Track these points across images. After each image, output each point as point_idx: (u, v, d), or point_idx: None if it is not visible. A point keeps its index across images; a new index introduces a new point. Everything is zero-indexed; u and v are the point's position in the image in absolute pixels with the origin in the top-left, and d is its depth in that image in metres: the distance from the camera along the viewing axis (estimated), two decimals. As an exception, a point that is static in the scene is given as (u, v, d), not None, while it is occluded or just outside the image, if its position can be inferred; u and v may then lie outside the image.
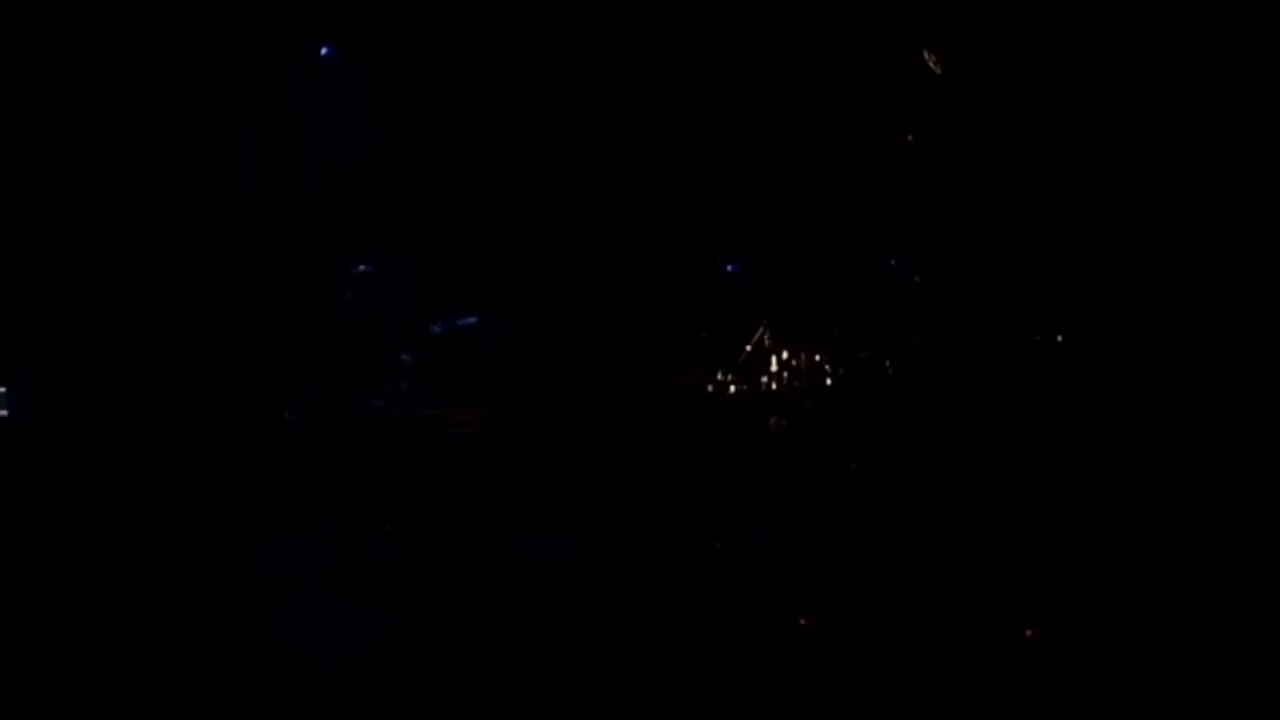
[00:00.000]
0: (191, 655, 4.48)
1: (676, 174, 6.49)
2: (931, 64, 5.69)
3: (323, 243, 6.49)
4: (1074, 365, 5.39)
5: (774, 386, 6.18)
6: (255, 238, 6.25)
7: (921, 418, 5.69)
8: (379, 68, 6.70)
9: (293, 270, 6.36)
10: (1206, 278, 5.06)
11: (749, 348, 6.28)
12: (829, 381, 6.11)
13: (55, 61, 5.73)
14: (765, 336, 6.27)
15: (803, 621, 4.74)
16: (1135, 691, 4.13)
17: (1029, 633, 4.49)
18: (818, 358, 6.16)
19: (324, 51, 6.67)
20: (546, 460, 5.94)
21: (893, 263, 6.01)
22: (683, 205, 6.48)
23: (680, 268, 6.55)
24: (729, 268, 6.57)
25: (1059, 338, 5.47)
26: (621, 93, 6.51)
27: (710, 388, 6.28)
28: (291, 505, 5.55)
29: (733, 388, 6.26)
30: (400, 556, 5.39)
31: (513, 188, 6.69)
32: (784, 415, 6.05)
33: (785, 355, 6.21)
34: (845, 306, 6.16)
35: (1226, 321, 5.00)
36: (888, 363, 5.98)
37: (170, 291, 5.89)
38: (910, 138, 5.85)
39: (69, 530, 5.14)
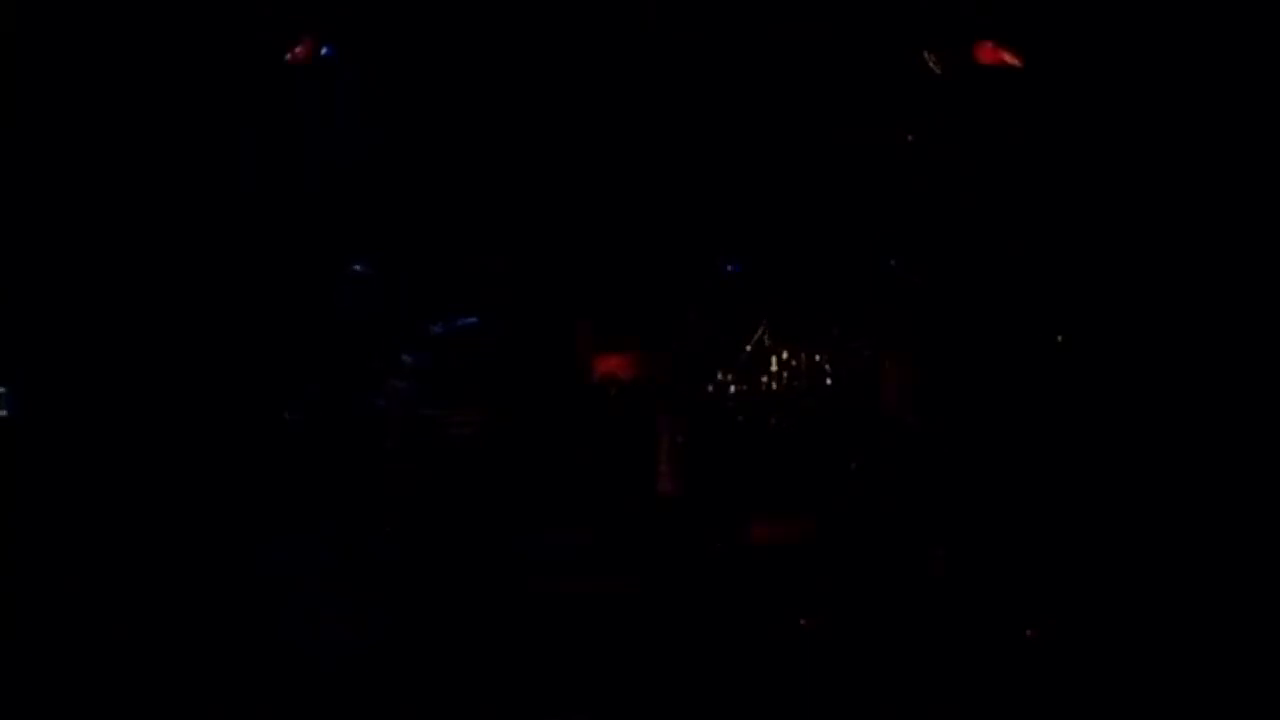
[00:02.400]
0: (192, 655, 4.48)
1: (676, 174, 6.48)
2: (931, 64, 5.69)
3: (323, 243, 6.48)
4: (1075, 366, 5.38)
5: (774, 386, 6.17)
6: (255, 238, 6.24)
7: (921, 418, 5.68)
8: (379, 68, 6.69)
9: (293, 270, 6.35)
10: (1208, 278, 5.05)
11: (749, 348, 6.27)
12: (829, 381, 6.10)
13: (55, 61, 5.72)
14: (765, 336, 6.26)
15: (803, 621, 4.74)
16: (1135, 691, 4.13)
17: (1029, 633, 4.49)
18: (818, 358, 6.15)
19: (324, 51, 6.66)
20: (546, 460, 5.93)
21: (893, 263, 6.00)
22: (683, 205, 6.47)
23: (680, 268, 6.54)
24: (729, 268, 6.56)
25: (1059, 338, 5.47)
26: (621, 93, 6.50)
27: (710, 388, 6.26)
28: (291, 505, 5.54)
29: (733, 388, 6.25)
30: (400, 556, 5.39)
31: (512, 188, 6.68)
32: (784, 415, 6.04)
33: (785, 355, 6.20)
34: (845, 306, 6.15)
35: (1228, 322, 5.00)
36: (888, 363, 5.98)
37: (170, 291, 5.89)
38: (910, 138, 5.85)
39: (69, 530, 5.14)
